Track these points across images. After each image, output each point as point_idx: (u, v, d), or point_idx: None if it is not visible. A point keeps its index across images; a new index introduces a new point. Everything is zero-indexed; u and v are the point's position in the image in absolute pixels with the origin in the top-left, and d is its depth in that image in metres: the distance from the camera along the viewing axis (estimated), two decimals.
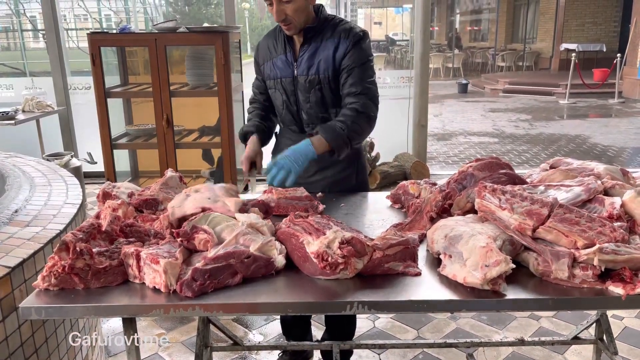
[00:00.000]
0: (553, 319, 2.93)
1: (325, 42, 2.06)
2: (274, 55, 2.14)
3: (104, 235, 1.55)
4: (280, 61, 2.13)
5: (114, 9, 15.70)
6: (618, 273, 1.35)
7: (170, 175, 1.97)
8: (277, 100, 2.19)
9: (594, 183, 1.64)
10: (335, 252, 1.39)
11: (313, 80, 2.07)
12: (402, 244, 1.48)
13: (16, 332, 1.66)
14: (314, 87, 2.08)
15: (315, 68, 2.06)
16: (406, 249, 1.49)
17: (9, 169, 2.64)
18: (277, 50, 2.14)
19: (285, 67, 2.12)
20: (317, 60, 2.06)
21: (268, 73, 2.18)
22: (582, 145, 7.68)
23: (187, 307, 1.34)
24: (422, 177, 5.22)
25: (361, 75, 2.04)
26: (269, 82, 2.19)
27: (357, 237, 1.44)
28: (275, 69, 2.14)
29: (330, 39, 2.06)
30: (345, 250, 1.39)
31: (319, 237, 1.45)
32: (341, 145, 1.97)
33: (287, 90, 2.13)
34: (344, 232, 1.44)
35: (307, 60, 2.07)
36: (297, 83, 2.11)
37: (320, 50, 2.06)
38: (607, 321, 2.15)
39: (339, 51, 2.04)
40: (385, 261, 1.45)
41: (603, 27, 16.15)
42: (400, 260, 1.47)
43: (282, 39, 2.12)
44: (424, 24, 5.42)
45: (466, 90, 13.85)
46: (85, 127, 5.34)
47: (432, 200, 1.75)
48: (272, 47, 2.16)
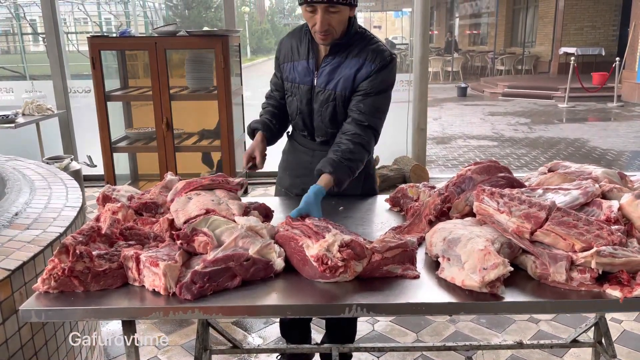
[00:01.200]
0: (552, 322, 2.93)
1: (350, 59, 1.98)
2: (296, 58, 2.08)
3: (104, 238, 1.55)
4: (302, 66, 2.06)
5: (114, 12, 15.74)
6: (615, 276, 1.36)
7: (170, 178, 1.98)
8: (292, 104, 2.14)
9: (592, 186, 1.65)
10: (335, 255, 1.40)
11: (329, 95, 2.02)
12: (401, 247, 1.49)
13: (16, 335, 1.66)
14: (328, 102, 2.03)
15: (334, 84, 2.00)
16: (405, 252, 1.50)
17: (9, 172, 2.65)
18: (300, 53, 2.07)
19: (306, 74, 2.06)
20: (338, 77, 2.00)
21: (287, 75, 2.13)
22: (581, 148, 7.69)
23: (187, 310, 1.34)
24: (421, 180, 5.23)
25: (376, 105, 1.99)
26: (286, 83, 2.14)
27: (356, 240, 1.44)
28: (294, 72, 2.09)
29: (355, 57, 1.98)
30: (345, 253, 1.39)
31: (318, 241, 1.45)
32: (344, 181, 1.91)
33: (304, 97, 2.08)
34: (343, 235, 1.45)
35: (328, 74, 2.01)
36: (314, 92, 2.06)
37: (343, 67, 1.99)
38: (605, 324, 2.16)
39: (361, 72, 1.97)
40: (384, 264, 1.46)
41: (602, 31, 16.19)
42: (398, 263, 1.48)
43: (307, 43, 2.04)
44: (423, 27, 5.43)
45: (465, 94, 13.87)
46: (85, 130, 5.34)
47: (431, 203, 1.76)
48: (296, 48, 2.08)
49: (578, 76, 11.55)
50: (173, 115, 3.83)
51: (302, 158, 2.21)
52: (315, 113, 2.09)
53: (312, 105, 2.08)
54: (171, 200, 1.78)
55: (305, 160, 2.18)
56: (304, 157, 2.19)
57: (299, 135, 2.23)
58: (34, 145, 4.98)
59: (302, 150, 2.21)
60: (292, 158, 2.26)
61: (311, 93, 2.07)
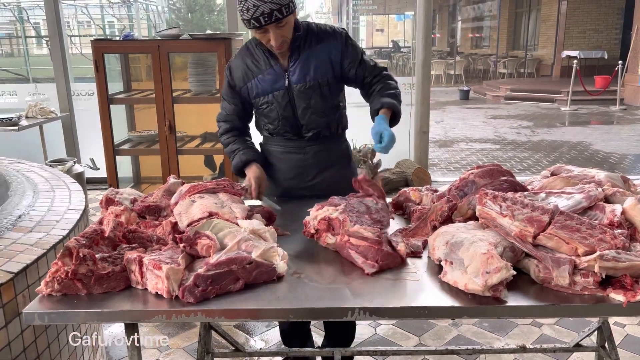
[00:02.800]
0: (555, 326, 2.92)
1: (315, 47, 2.08)
2: (257, 72, 2.10)
3: (107, 241, 1.56)
4: (269, 75, 2.09)
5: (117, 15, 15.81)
6: (619, 280, 1.36)
7: (173, 181, 1.98)
8: (272, 113, 2.15)
9: (595, 190, 1.64)
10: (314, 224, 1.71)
11: (313, 85, 2.09)
12: (369, 241, 1.54)
13: (19, 338, 1.67)
14: (314, 92, 2.10)
15: (312, 73, 2.08)
16: (370, 247, 1.54)
17: (12, 174, 2.66)
18: (260, 66, 2.10)
19: (276, 80, 2.09)
20: (312, 66, 2.08)
21: (255, 91, 2.13)
22: (584, 152, 7.68)
23: (189, 313, 1.34)
24: (423, 183, 5.23)
25: (369, 61, 2.15)
26: (257, 100, 2.15)
27: (339, 219, 1.63)
28: (262, 85, 2.11)
29: (319, 44, 2.08)
30: (320, 224, 1.67)
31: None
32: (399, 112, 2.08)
33: (282, 102, 2.11)
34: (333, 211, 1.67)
35: (301, 69, 2.07)
36: (292, 92, 2.10)
37: (312, 56, 2.08)
38: (608, 328, 2.15)
39: (333, 53, 2.09)
40: (349, 247, 1.58)
41: (604, 34, 16.17)
42: (362, 255, 1.55)
43: (263, 54, 2.09)
44: (425, 30, 5.44)
45: (468, 97, 13.86)
46: (88, 133, 5.36)
47: (438, 209, 1.75)
48: (253, 65, 2.11)
49: (581, 79, 11.54)
50: (176, 118, 3.83)
51: (292, 158, 2.22)
52: (300, 110, 2.13)
53: (293, 105, 2.13)
54: (175, 203, 1.78)
55: (297, 159, 2.21)
56: (295, 157, 2.22)
57: (281, 139, 2.23)
58: (37, 148, 5.00)
59: (290, 151, 2.22)
60: (280, 163, 2.25)
61: (289, 94, 2.11)
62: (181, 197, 1.79)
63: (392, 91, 2.10)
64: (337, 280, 1.49)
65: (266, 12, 1.85)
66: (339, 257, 1.64)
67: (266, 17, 1.86)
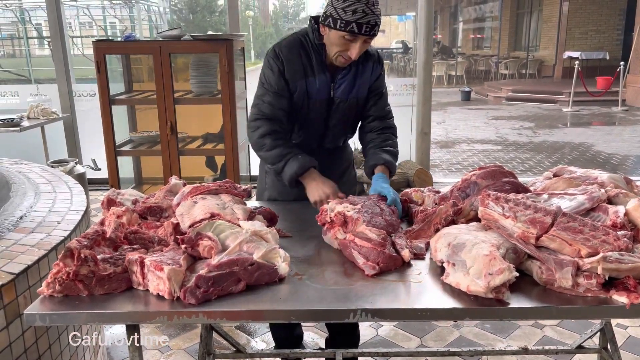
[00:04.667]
0: (557, 328, 2.91)
1: (363, 65, 2.05)
2: (310, 74, 2.00)
3: (109, 242, 1.55)
4: (320, 82, 2.01)
5: (118, 16, 15.82)
6: (622, 282, 1.35)
7: (175, 182, 1.98)
8: (306, 119, 2.08)
9: (598, 191, 1.64)
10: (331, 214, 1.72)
11: (351, 102, 2.08)
12: (372, 243, 1.56)
13: (20, 339, 1.66)
14: (350, 108, 2.09)
15: (356, 91, 2.07)
16: (372, 249, 1.56)
17: (14, 175, 2.66)
18: (315, 69, 2.00)
19: (322, 89, 2.02)
20: (358, 84, 2.06)
21: (301, 91, 2.01)
22: (586, 153, 7.67)
23: (191, 314, 1.34)
24: (425, 184, 5.22)
25: (386, 99, 2.18)
26: (298, 101, 2.03)
27: (354, 216, 1.65)
28: (309, 88, 2.01)
29: (366, 63, 2.06)
30: (335, 217, 1.69)
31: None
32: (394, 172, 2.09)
33: (321, 110, 2.06)
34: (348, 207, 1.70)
35: (347, 84, 2.04)
36: (332, 105, 2.07)
37: (360, 74, 2.05)
38: (611, 330, 2.14)
39: (373, 75, 2.09)
40: (352, 247, 1.60)
41: (606, 35, 16.16)
42: (363, 256, 1.56)
43: (316, 57, 2.00)
44: (426, 31, 5.43)
45: (469, 98, 13.86)
46: (90, 134, 5.36)
47: (443, 212, 1.74)
48: (307, 64, 2.00)
49: (582, 80, 11.53)
50: (177, 119, 3.83)
51: None
52: (332, 123, 2.11)
53: (328, 117, 2.10)
54: (177, 204, 1.78)
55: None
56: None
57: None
58: (38, 149, 5.00)
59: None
60: None
61: (328, 106, 2.07)
62: (183, 198, 1.79)
63: (393, 149, 2.10)
64: (339, 281, 1.49)
65: (371, 23, 1.81)
66: (340, 259, 1.63)
67: (369, 28, 1.82)
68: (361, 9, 1.79)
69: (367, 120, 2.16)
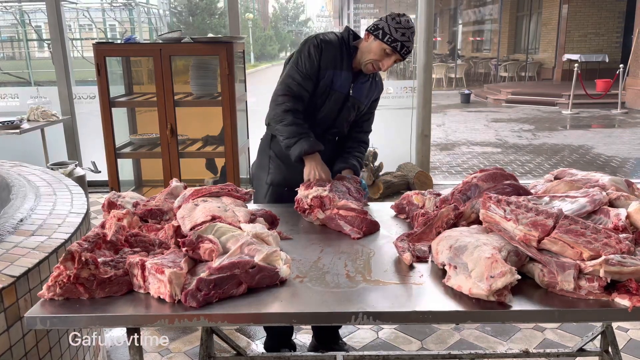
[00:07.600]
0: (558, 331, 2.91)
1: (376, 82, 2.38)
2: (339, 67, 2.23)
3: (109, 245, 1.55)
4: (344, 76, 2.24)
5: (118, 19, 15.84)
6: (624, 285, 1.35)
7: (176, 185, 1.98)
8: (320, 107, 2.27)
9: (599, 194, 1.64)
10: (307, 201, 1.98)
11: (361, 107, 2.35)
12: (356, 212, 1.84)
13: (20, 342, 1.66)
14: (357, 112, 2.35)
15: (367, 100, 2.35)
16: (357, 217, 1.84)
17: (14, 178, 2.65)
18: (344, 65, 2.24)
19: (345, 83, 2.25)
20: (370, 94, 2.35)
21: (328, 79, 2.22)
22: (586, 155, 7.67)
23: (192, 317, 1.34)
24: (425, 187, 5.22)
25: (373, 113, 2.46)
26: (322, 88, 2.24)
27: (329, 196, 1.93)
28: (333, 79, 2.23)
29: (378, 82, 2.39)
30: (313, 200, 1.95)
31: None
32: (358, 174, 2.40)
33: (337, 103, 2.26)
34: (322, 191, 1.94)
35: (365, 90, 2.32)
36: (348, 101, 2.28)
37: (373, 87, 2.36)
38: (612, 333, 2.14)
39: (377, 94, 2.41)
40: (337, 218, 1.86)
41: (605, 38, 16.18)
42: (349, 224, 1.83)
43: (348, 56, 2.24)
44: (426, 34, 5.44)
45: (469, 101, 13.87)
46: (90, 136, 5.36)
47: (444, 216, 1.74)
48: (339, 59, 2.23)
49: (582, 83, 11.54)
50: (177, 122, 3.83)
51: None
52: (342, 118, 2.32)
53: (339, 112, 2.30)
54: (178, 206, 1.77)
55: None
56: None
57: None
58: (38, 151, 5.00)
59: None
60: (285, 157, 2.28)
61: (344, 101, 2.28)
62: (185, 200, 1.78)
63: (361, 159, 2.42)
64: (340, 284, 1.48)
65: (409, 49, 2.16)
66: (341, 261, 1.63)
67: (406, 51, 2.15)
68: (407, 35, 2.13)
69: (354, 130, 2.43)
